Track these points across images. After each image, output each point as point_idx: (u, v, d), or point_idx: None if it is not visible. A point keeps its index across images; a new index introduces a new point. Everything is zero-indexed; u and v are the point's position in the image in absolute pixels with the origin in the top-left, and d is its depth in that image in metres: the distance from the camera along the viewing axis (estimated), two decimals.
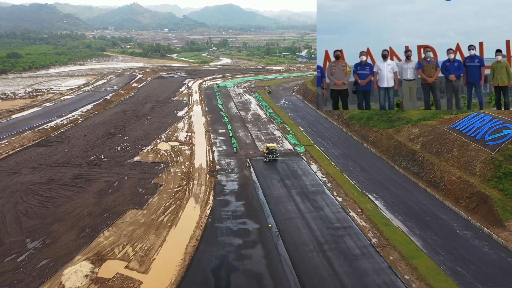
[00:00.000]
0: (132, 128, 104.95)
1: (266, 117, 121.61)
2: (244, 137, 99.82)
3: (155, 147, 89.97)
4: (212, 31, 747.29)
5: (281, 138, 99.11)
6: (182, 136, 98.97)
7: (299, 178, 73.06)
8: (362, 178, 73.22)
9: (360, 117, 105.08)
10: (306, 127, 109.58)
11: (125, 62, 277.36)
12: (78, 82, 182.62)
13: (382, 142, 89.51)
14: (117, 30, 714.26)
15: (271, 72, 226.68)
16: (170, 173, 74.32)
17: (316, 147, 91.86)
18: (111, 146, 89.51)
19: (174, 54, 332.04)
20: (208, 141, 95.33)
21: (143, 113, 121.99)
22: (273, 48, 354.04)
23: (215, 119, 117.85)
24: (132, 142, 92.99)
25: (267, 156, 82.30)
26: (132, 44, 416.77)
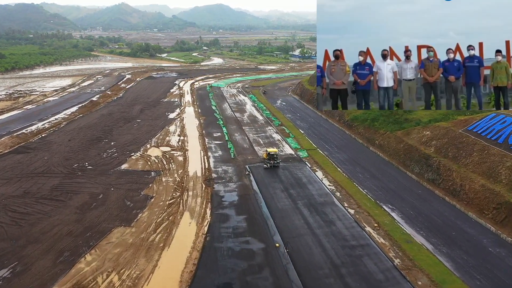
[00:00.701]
0: (120, 132, 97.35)
1: (263, 119, 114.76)
2: (241, 141, 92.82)
3: (145, 153, 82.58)
4: (202, 31, 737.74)
5: (280, 142, 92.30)
6: (174, 141, 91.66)
7: (305, 187, 66.32)
8: (373, 186, 66.72)
9: (364, 119, 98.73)
10: (306, 130, 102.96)
11: (113, 62, 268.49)
12: (63, 83, 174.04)
13: (390, 146, 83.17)
14: (106, 30, 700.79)
15: (264, 72, 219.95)
16: (162, 183, 67.07)
17: (319, 152, 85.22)
18: (96, 153, 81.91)
19: (164, 54, 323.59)
20: (203, 146, 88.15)
21: (132, 116, 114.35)
22: (265, 47, 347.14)
23: (209, 121, 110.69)
24: (119, 147, 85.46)
25: (268, 162, 75.46)
26: (121, 44, 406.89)
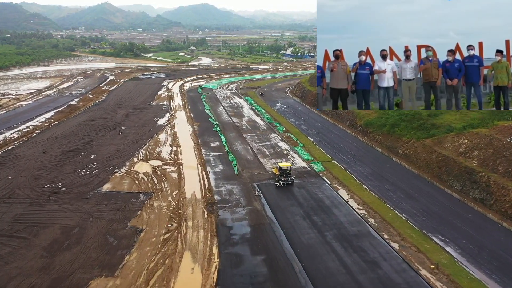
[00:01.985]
0: (102, 143, 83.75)
1: (264, 124, 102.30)
2: (243, 151, 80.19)
3: (132, 168, 69.38)
4: (188, 30, 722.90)
5: (289, 152, 79.97)
6: (166, 152, 78.57)
7: (330, 212, 54.10)
8: (412, 209, 54.88)
9: (381, 124, 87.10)
10: (315, 137, 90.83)
11: (95, 62, 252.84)
12: (40, 85, 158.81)
13: (419, 156, 71.57)
14: (88, 30, 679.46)
15: (257, 72, 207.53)
16: (153, 209, 54.12)
17: (336, 164, 73.17)
18: (72, 169, 68.43)
19: (150, 53, 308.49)
20: (200, 159, 75.28)
21: (116, 122, 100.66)
22: (255, 46, 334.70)
23: (204, 128, 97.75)
24: (101, 162, 72.06)
25: (280, 179, 63.12)
26: (104, 43, 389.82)
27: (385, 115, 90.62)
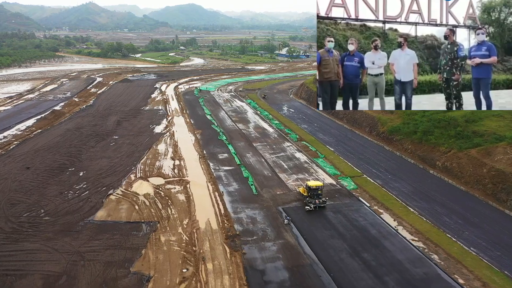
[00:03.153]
0: (92, 156, 72.13)
1: (274, 131, 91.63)
2: (257, 165, 69.41)
3: (129, 189, 58.09)
4: (176, 30, 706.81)
5: (310, 165, 69.48)
6: (168, 167, 67.39)
7: (380, 246, 43.72)
8: (479, 241, 44.84)
9: (410, 131, 77.25)
10: (335, 146, 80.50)
11: (81, 63, 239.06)
12: (21, 88, 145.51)
13: (464, 170, 61.72)
14: (72, 30, 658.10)
15: (254, 73, 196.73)
16: (161, 246, 43.06)
17: (368, 180, 62.91)
18: (58, 190, 56.85)
19: (138, 54, 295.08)
20: (209, 175, 64.27)
21: (107, 130, 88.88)
22: (248, 46, 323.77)
23: (208, 136, 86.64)
24: (92, 181, 60.58)
25: (310, 201, 52.51)
26: (89, 43, 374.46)
27: (412, 121, 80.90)
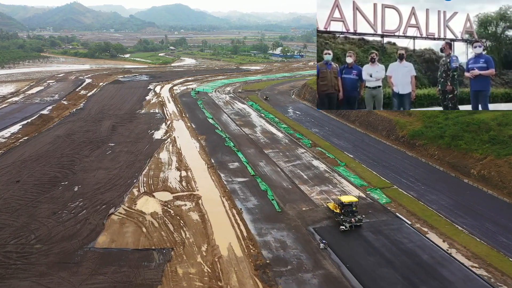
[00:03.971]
0: (87, 167, 64.28)
1: (283, 136, 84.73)
2: (274, 175, 62.42)
3: (133, 206, 50.58)
4: (163, 31, 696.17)
5: (332, 175, 62.76)
6: (174, 179, 59.97)
7: (438, 275, 37.14)
8: None
9: (436, 135, 71.29)
10: (353, 152, 73.96)
11: (67, 64, 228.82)
12: (4, 90, 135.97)
13: (505, 179, 55.71)
14: (57, 31, 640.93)
15: (250, 73, 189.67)
16: (180, 282, 35.82)
17: (401, 191, 56.42)
18: (50, 210, 49.07)
19: (127, 54, 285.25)
20: (222, 188, 57.05)
21: (101, 137, 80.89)
22: (240, 46, 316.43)
23: (213, 142, 79.30)
24: (89, 197, 52.88)
25: (345, 220, 45.75)
26: (75, 43, 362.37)
27: (435, 124, 75.02)
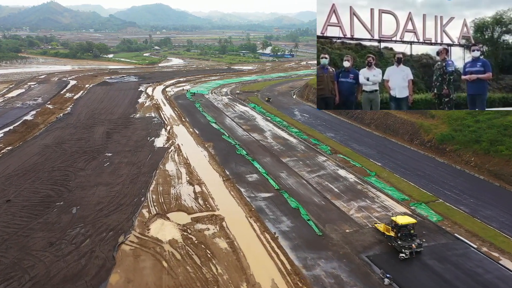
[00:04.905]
0: (84, 182, 55.61)
1: (298, 142, 77.44)
2: (300, 188, 54.96)
3: (146, 233, 42.44)
4: (144, 31, 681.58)
5: (365, 187, 55.70)
6: (187, 195, 51.96)
7: None
8: None
9: (469, 140, 65.15)
10: (380, 159, 67.08)
11: (48, 64, 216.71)
12: None
13: None
14: (34, 31, 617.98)
15: (243, 73, 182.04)
16: None
17: (449, 206, 49.70)
18: (46, 240, 40.55)
19: (110, 54, 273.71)
20: (245, 206, 49.29)
21: (96, 146, 72.06)
22: (228, 46, 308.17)
23: (222, 150, 71.38)
24: (91, 221, 44.46)
25: (403, 245, 38.65)
26: (55, 43, 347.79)
27: (465, 127, 69.05)
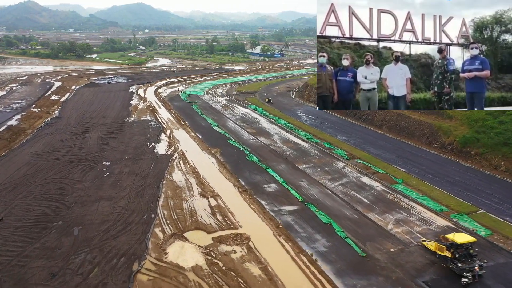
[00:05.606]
0: (82, 197, 49.22)
1: (309, 146, 72.32)
2: (326, 200, 49.75)
3: (164, 258, 36.59)
4: (126, 30, 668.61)
5: (395, 197, 50.90)
6: (202, 210, 46.22)
7: None
8: None
9: (495, 142, 61.30)
10: (402, 164, 62.34)
11: (29, 65, 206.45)
12: None
13: None
14: (11, 30, 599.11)
15: (236, 73, 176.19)
16: None
17: (494, 218, 45.28)
18: (45, 270, 34.36)
19: (94, 54, 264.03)
20: (271, 222, 43.80)
21: (91, 154, 65.49)
22: (216, 46, 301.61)
23: (231, 156, 65.69)
24: (97, 245, 38.35)
25: (463, 267, 33.86)
26: (34, 43, 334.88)
27: (487, 129, 65.30)
